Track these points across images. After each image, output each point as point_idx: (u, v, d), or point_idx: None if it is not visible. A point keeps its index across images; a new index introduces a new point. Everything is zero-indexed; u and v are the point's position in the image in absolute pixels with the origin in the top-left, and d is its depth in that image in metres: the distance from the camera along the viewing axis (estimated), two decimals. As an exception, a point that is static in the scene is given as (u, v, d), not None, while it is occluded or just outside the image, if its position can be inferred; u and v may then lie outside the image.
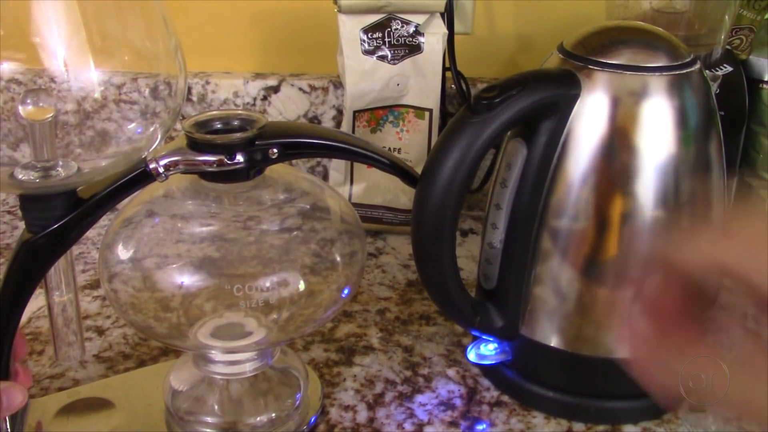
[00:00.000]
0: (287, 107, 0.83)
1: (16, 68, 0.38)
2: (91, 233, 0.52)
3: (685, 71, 0.48)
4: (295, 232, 0.47)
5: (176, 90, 0.42)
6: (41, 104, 0.37)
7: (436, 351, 0.60)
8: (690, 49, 0.50)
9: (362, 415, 0.53)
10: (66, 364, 0.56)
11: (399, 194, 0.76)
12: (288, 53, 0.85)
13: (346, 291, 0.48)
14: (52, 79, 0.38)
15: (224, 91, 0.82)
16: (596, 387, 0.53)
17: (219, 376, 0.50)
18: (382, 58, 0.71)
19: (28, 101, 0.37)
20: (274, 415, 0.50)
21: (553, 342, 0.52)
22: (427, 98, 0.73)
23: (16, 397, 0.41)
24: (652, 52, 0.48)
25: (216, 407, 0.50)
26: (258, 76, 0.83)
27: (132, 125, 0.42)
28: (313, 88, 0.82)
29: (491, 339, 0.54)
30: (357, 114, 0.73)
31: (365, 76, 0.71)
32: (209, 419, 0.50)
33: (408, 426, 0.53)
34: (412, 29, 0.71)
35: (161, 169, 0.42)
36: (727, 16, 0.68)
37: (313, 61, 0.85)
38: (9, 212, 0.81)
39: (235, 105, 0.83)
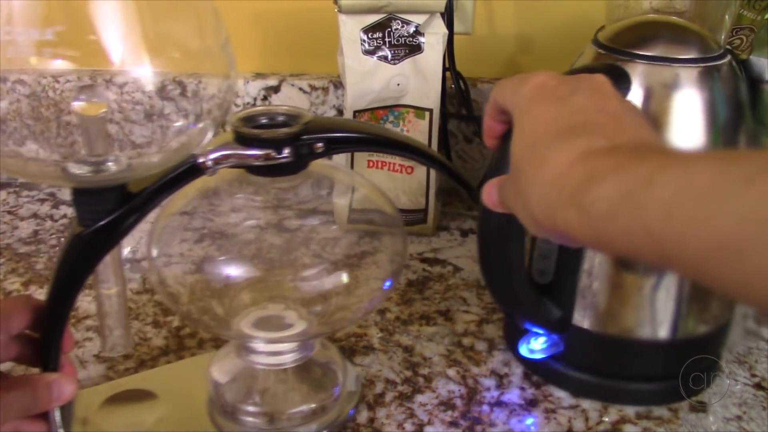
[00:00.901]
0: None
1: (70, 65, 0.38)
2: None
3: (715, 63, 0.49)
4: (337, 225, 0.48)
5: (226, 86, 0.42)
6: (95, 99, 0.38)
7: (436, 351, 0.60)
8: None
9: (362, 415, 0.53)
10: (113, 354, 0.57)
11: (400, 194, 0.76)
12: (288, 53, 0.85)
13: (387, 283, 0.49)
14: (106, 76, 0.39)
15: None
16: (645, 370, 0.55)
17: (261, 366, 0.51)
18: (383, 58, 0.71)
19: (82, 97, 0.38)
20: (313, 405, 0.51)
21: (603, 329, 0.53)
22: (428, 98, 0.73)
23: (66, 388, 0.42)
24: (684, 45, 0.49)
25: (257, 398, 0.51)
26: (258, 76, 0.83)
27: (181, 122, 0.42)
28: (313, 88, 0.82)
29: (543, 332, 0.55)
30: (357, 114, 0.73)
31: (365, 76, 0.71)
32: (251, 409, 0.51)
33: (408, 426, 0.53)
34: (412, 29, 0.71)
35: (210, 164, 0.43)
36: (727, 16, 0.68)
37: (313, 61, 0.85)
38: (9, 212, 0.81)
39: (236, 105, 0.83)
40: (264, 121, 0.46)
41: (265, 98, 0.83)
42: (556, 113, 0.38)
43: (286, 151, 0.44)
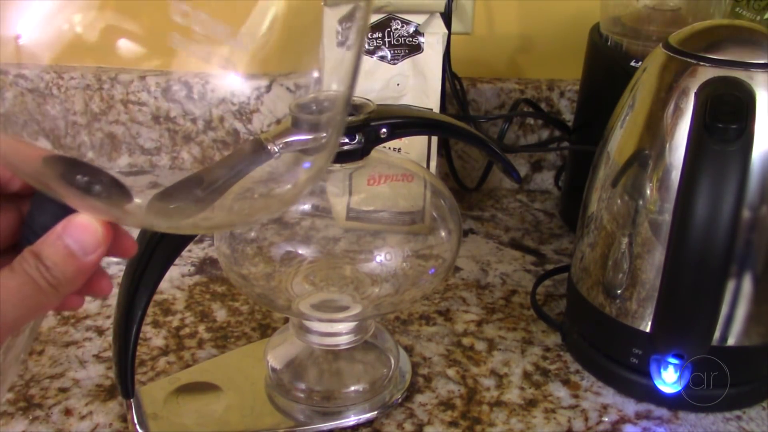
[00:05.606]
0: (283, 106, 0.84)
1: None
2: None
3: None
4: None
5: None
6: None
7: (436, 351, 0.60)
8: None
9: (363, 415, 0.53)
10: None
11: (399, 200, 0.76)
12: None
13: (431, 270, 0.52)
14: None
15: (222, 90, 0.82)
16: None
17: (317, 347, 0.53)
18: (382, 58, 0.71)
19: None
20: (367, 386, 0.53)
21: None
22: (427, 98, 0.73)
23: (84, 231, 0.30)
24: (757, 50, 0.49)
25: (313, 378, 0.54)
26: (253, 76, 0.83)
27: None
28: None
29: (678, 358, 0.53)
30: (357, 113, 0.73)
31: (365, 75, 0.71)
32: (308, 387, 0.53)
33: (408, 426, 0.53)
34: (412, 29, 0.71)
35: (277, 149, 0.44)
36: (716, 13, 0.69)
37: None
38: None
39: (233, 104, 0.83)
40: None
41: (258, 98, 0.83)
42: None
43: (356, 137, 0.46)
